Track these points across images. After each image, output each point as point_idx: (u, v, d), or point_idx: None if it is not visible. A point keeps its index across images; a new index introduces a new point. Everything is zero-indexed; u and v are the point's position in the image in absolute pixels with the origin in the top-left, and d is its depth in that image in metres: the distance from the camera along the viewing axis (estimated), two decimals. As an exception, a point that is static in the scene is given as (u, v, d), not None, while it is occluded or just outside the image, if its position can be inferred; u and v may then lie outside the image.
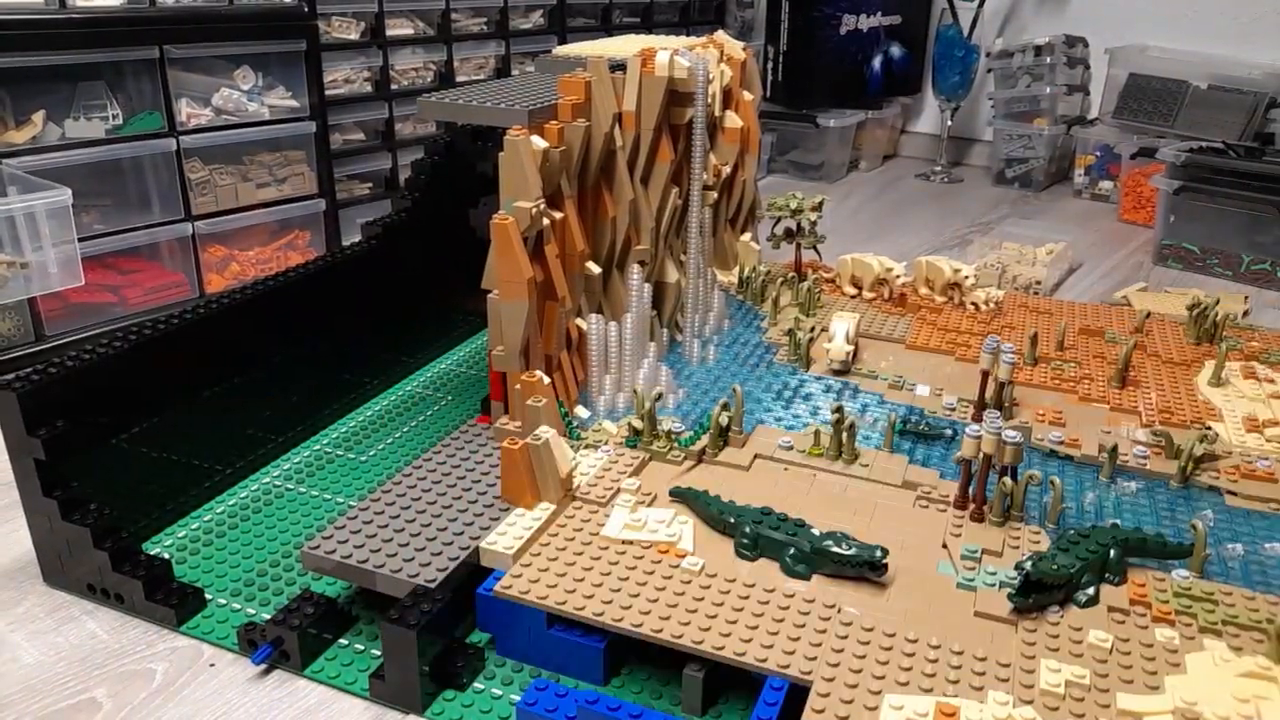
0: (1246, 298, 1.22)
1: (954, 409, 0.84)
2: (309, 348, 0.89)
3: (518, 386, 0.73)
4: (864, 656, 0.52)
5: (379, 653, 0.60)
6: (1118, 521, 0.66)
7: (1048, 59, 1.89)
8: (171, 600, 0.64)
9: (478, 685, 0.58)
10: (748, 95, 1.08)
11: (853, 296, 1.11)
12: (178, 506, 0.76)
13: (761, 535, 0.61)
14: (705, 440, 0.74)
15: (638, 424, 0.74)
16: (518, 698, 0.56)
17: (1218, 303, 1.02)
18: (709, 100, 0.91)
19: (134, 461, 0.73)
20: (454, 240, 0.97)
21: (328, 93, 1.37)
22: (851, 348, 0.91)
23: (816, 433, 0.75)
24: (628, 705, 0.50)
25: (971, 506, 0.66)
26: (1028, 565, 0.56)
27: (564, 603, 0.57)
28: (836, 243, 1.27)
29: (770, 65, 2.00)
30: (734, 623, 0.55)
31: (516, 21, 1.71)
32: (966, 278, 1.07)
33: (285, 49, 1.26)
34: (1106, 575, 0.59)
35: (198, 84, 1.20)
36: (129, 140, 1.12)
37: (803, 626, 0.55)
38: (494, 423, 0.76)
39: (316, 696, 0.59)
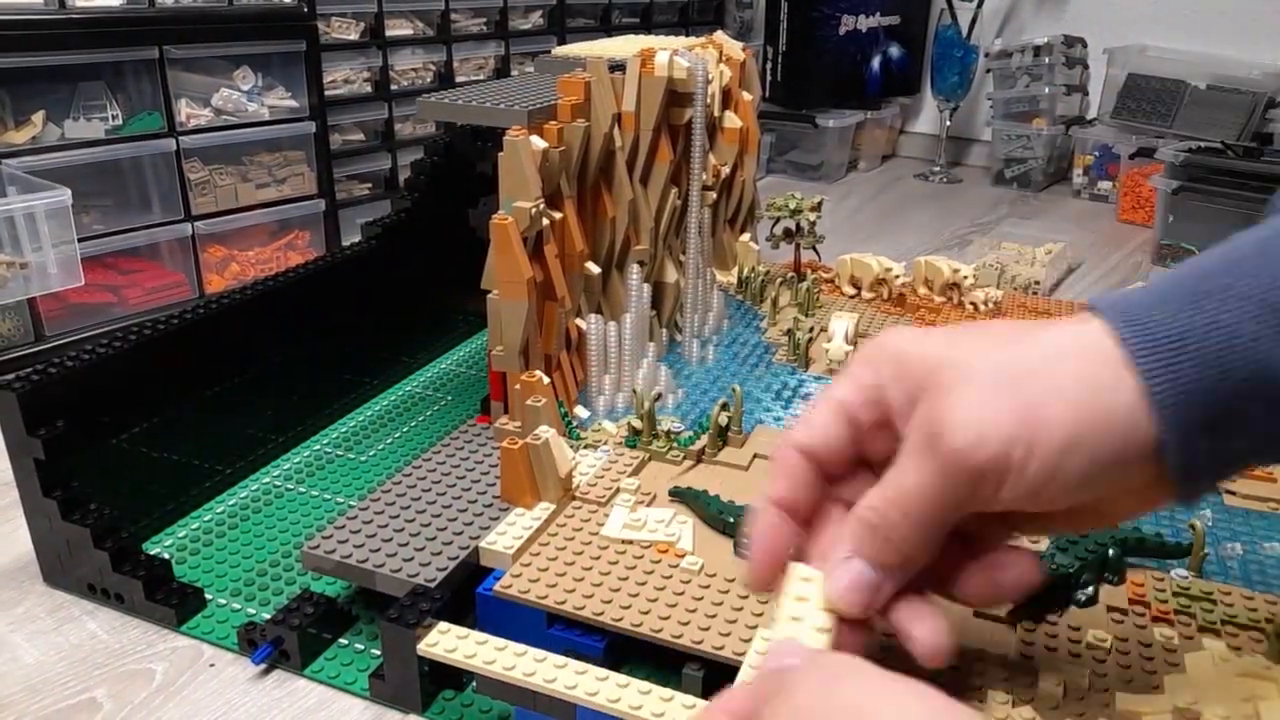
0: (1245, 298, 1.22)
1: (953, 409, 0.84)
2: (309, 348, 0.89)
3: (517, 386, 0.73)
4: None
5: (379, 652, 0.60)
6: (1117, 521, 0.67)
7: (1046, 59, 1.89)
8: (171, 600, 0.64)
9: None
10: (747, 95, 1.08)
11: (852, 296, 1.11)
12: (178, 506, 0.76)
13: (761, 535, 0.61)
14: (705, 440, 0.74)
15: (637, 424, 0.74)
16: (518, 697, 0.56)
17: (1217, 303, 1.02)
18: (708, 100, 0.91)
19: (134, 461, 0.73)
20: (454, 240, 0.97)
21: (327, 93, 1.37)
22: (851, 348, 0.91)
23: (816, 433, 0.75)
24: (627, 705, 0.50)
25: (971, 506, 0.66)
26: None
27: (563, 602, 0.57)
28: (835, 243, 1.27)
29: (769, 65, 2.00)
30: (733, 622, 0.55)
31: (516, 22, 1.71)
32: (965, 278, 1.07)
33: (285, 49, 1.26)
34: (1105, 574, 0.59)
35: (197, 84, 1.20)
36: (129, 140, 1.12)
37: (802, 626, 0.55)
38: (494, 423, 0.76)
39: (316, 696, 0.59)
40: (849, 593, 0.36)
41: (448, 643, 0.53)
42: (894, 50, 2.10)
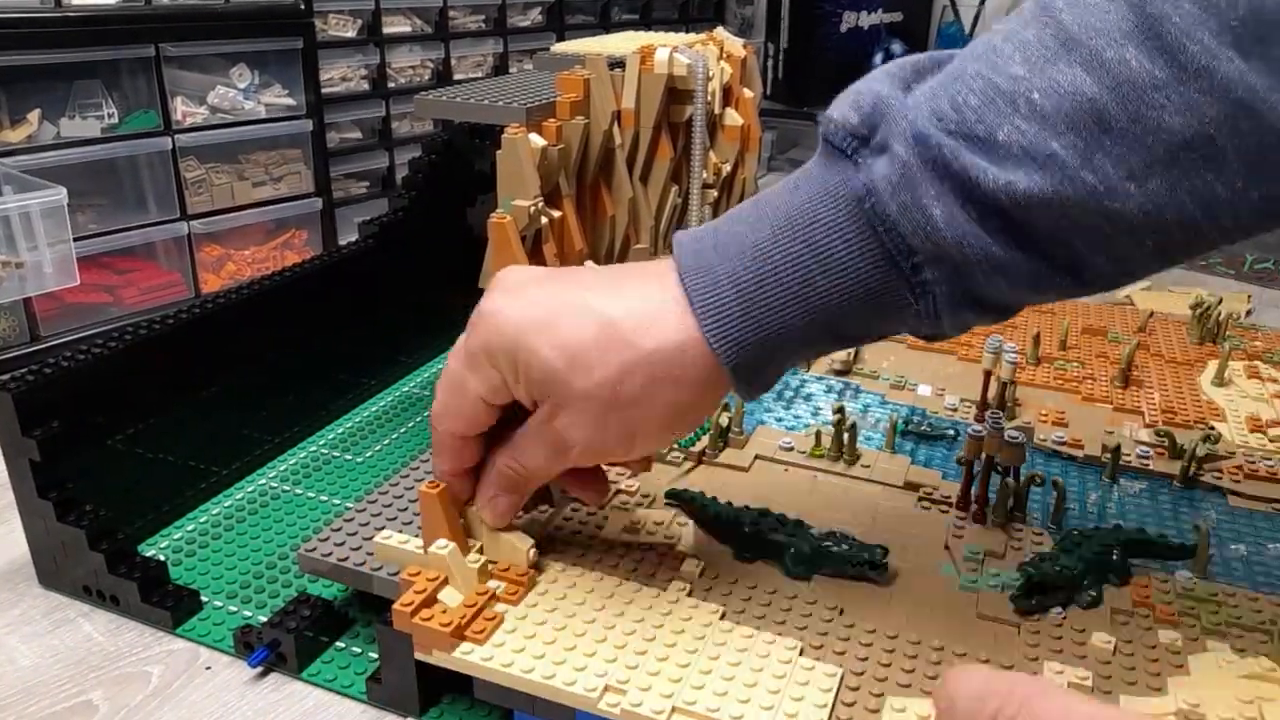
0: (1249, 297, 1.21)
1: (956, 409, 0.84)
2: (306, 348, 0.88)
3: (516, 386, 0.73)
4: (866, 659, 0.52)
5: (376, 656, 0.60)
6: (1120, 522, 0.66)
7: (1048, 56, 1.88)
8: (167, 603, 0.64)
9: (476, 688, 0.58)
10: (748, 93, 1.08)
11: (853, 295, 1.10)
12: (174, 508, 0.75)
13: (760, 536, 0.61)
14: (705, 441, 0.73)
15: (637, 424, 0.74)
16: (516, 701, 0.56)
17: (1220, 302, 1.01)
18: (709, 98, 0.90)
19: (130, 463, 0.73)
20: (452, 239, 0.96)
21: (324, 91, 1.37)
22: (850, 347, 0.91)
23: (818, 433, 0.75)
24: (627, 709, 0.49)
25: (974, 508, 0.66)
26: (1030, 567, 0.56)
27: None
28: (836, 241, 1.26)
29: (771, 62, 1.99)
30: (735, 624, 0.54)
31: (514, 19, 1.70)
32: (967, 276, 1.06)
33: (282, 47, 1.26)
34: (1109, 576, 0.58)
35: (194, 82, 1.19)
36: (124, 139, 1.12)
37: (803, 629, 0.54)
38: (492, 423, 0.76)
39: (314, 699, 0.58)
40: (499, 518, 0.54)
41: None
42: (896, 47, 2.09)
